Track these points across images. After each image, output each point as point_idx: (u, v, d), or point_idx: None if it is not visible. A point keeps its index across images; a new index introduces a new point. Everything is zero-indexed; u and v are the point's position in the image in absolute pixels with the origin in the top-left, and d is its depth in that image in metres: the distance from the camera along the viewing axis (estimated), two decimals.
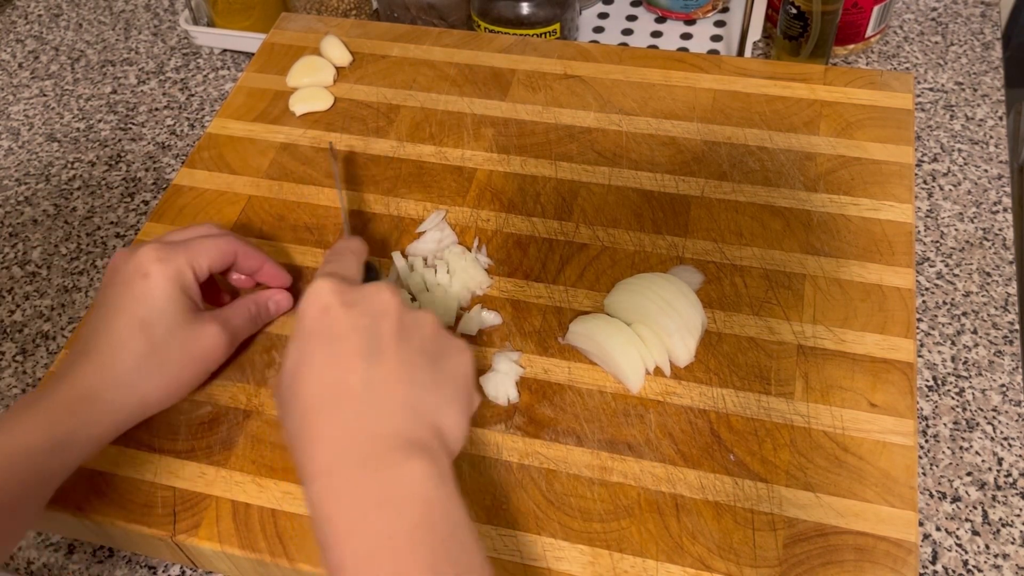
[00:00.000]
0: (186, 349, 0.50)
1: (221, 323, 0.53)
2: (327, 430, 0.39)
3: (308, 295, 0.43)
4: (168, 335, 0.49)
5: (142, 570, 0.56)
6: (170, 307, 0.49)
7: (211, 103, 0.87)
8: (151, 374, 0.49)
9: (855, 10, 0.79)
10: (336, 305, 0.42)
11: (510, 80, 0.72)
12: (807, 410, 0.52)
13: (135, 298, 0.49)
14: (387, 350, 0.41)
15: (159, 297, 0.49)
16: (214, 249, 0.53)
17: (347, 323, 0.41)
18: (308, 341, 0.42)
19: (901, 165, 0.64)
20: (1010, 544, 0.54)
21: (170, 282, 0.50)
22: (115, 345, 0.48)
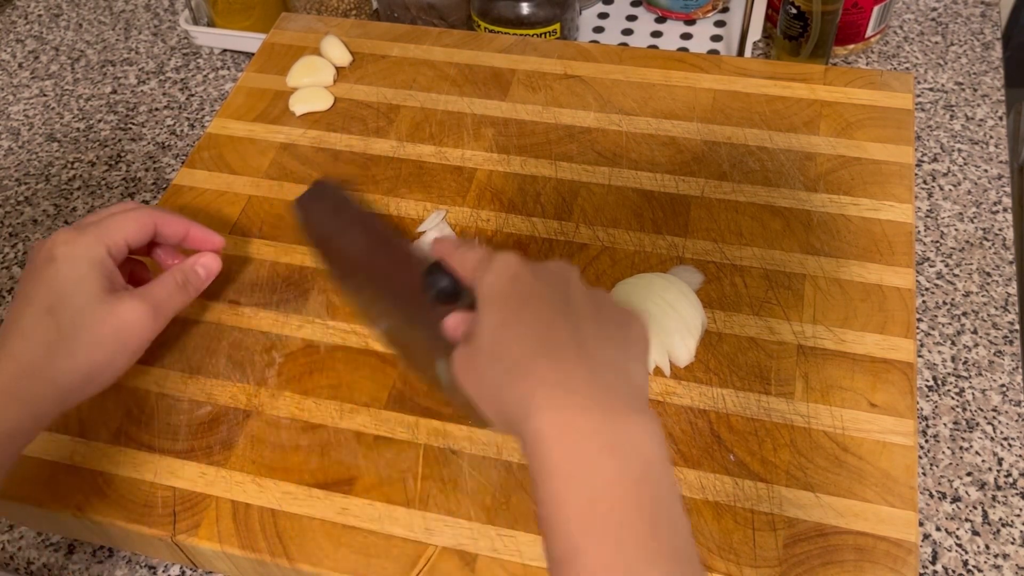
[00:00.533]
0: (98, 329, 0.48)
1: (140, 297, 0.50)
2: (548, 374, 0.38)
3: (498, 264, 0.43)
4: (77, 317, 0.47)
5: (142, 570, 0.56)
6: (78, 288, 0.48)
7: (211, 103, 0.87)
8: (63, 360, 0.47)
9: (855, 10, 0.79)
10: (524, 273, 0.42)
11: (510, 80, 0.72)
12: (807, 410, 0.52)
13: (42, 283, 0.48)
14: (582, 311, 0.41)
15: (65, 279, 0.47)
16: (130, 223, 0.51)
17: (539, 288, 0.41)
18: (506, 302, 0.41)
19: (901, 165, 0.64)
20: (1010, 544, 0.54)
21: (77, 263, 0.48)
22: (24, 335, 0.46)
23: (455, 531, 0.49)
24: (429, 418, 0.53)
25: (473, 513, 0.50)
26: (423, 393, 0.55)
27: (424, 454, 0.52)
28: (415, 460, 0.52)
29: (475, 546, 0.48)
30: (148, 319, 0.50)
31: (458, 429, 0.53)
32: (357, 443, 0.53)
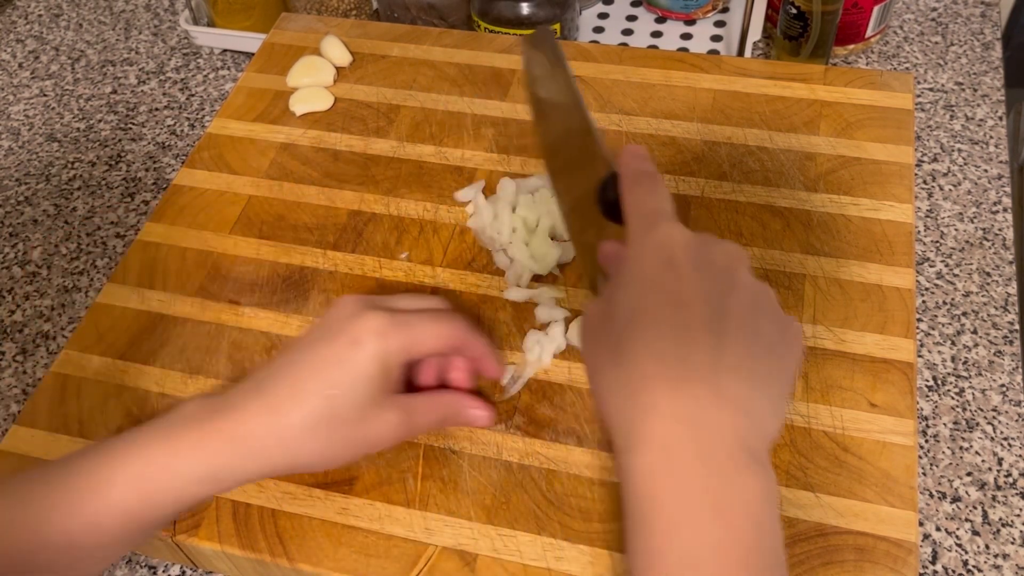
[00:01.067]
0: (359, 431, 0.46)
1: (405, 415, 0.48)
2: (664, 406, 0.35)
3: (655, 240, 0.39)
4: (349, 412, 0.45)
5: (142, 570, 0.56)
6: (364, 385, 0.45)
7: (211, 103, 0.87)
8: (315, 440, 0.45)
9: (855, 10, 0.79)
10: (685, 262, 0.38)
11: (510, 80, 0.72)
12: (807, 410, 0.52)
13: (336, 361, 0.45)
14: (733, 330, 0.37)
15: (359, 372, 0.45)
16: (440, 336, 0.48)
17: (694, 287, 0.37)
18: (649, 294, 0.38)
19: (901, 165, 0.64)
20: (1010, 544, 0.54)
21: (377, 361, 0.45)
22: (295, 399, 0.45)
23: (455, 531, 0.49)
24: None
25: (473, 513, 0.50)
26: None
27: (424, 454, 0.52)
28: (415, 460, 0.52)
29: (475, 546, 0.48)
30: (399, 438, 0.48)
31: (458, 429, 0.53)
32: None
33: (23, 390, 0.66)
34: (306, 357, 0.46)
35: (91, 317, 0.60)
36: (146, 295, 0.61)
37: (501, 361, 0.53)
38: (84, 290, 0.72)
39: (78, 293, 0.72)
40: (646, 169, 0.43)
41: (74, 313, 0.71)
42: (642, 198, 0.42)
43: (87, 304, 0.71)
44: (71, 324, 0.70)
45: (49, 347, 0.69)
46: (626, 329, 0.37)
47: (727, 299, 0.37)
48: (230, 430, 0.44)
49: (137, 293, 0.61)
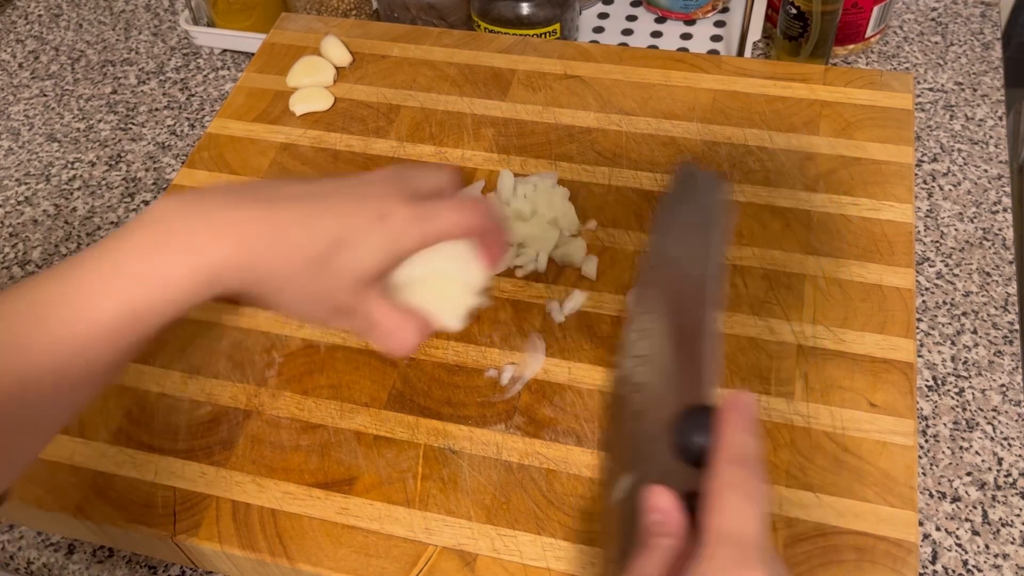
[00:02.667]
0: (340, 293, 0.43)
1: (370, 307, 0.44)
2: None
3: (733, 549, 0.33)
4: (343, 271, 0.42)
5: (142, 570, 0.56)
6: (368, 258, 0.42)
7: (211, 103, 0.87)
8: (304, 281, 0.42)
9: (855, 10, 0.79)
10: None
11: (510, 80, 0.72)
12: (807, 410, 0.52)
13: (354, 222, 0.42)
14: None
15: (370, 244, 0.42)
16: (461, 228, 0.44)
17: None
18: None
19: (901, 165, 0.64)
20: (1010, 544, 0.54)
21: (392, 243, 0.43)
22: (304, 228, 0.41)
23: (455, 531, 0.49)
24: (429, 418, 0.53)
25: (473, 513, 0.50)
26: (423, 393, 0.55)
27: (424, 454, 0.52)
28: (415, 460, 0.52)
29: (475, 546, 0.48)
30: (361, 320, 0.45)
31: (458, 429, 0.53)
32: (357, 443, 0.53)
33: None
34: (330, 200, 0.43)
35: None
36: None
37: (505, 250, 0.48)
38: None
39: None
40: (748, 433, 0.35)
41: None
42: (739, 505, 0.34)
43: None
44: None
45: None
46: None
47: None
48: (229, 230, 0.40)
49: None
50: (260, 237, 0.40)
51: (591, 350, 0.55)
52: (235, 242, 0.40)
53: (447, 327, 0.47)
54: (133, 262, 0.39)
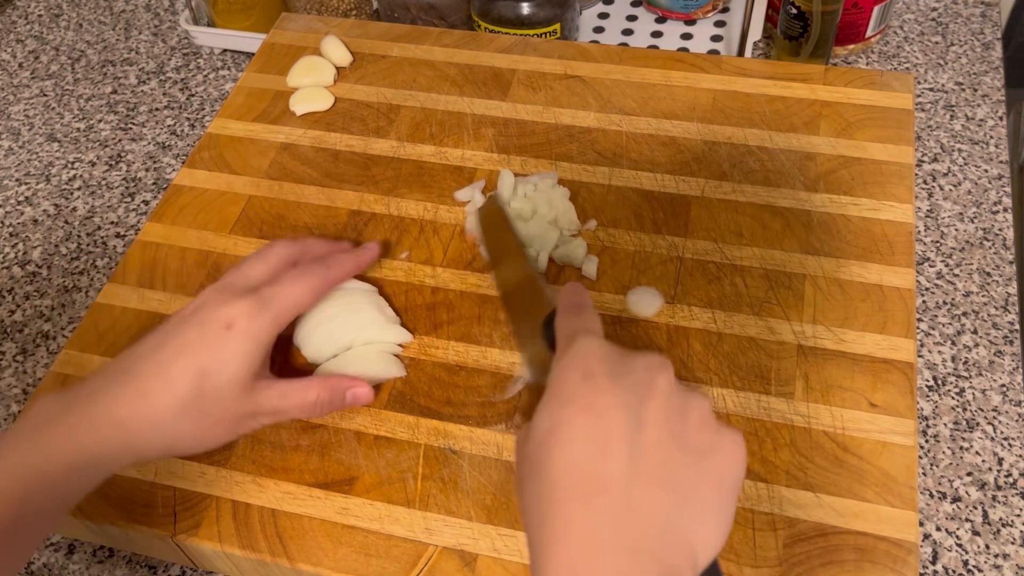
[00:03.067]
0: (229, 410, 0.47)
1: (269, 401, 0.48)
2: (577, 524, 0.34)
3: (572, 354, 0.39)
4: (220, 391, 0.46)
5: (142, 570, 0.56)
6: (235, 367, 0.46)
7: (211, 103, 0.87)
8: (189, 421, 0.46)
9: (855, 10, 0.79)
10: (601, 373, 0.38)
11: (510, 80, 0.72)
12: (807, 410, 0.52)
13: (206, 344, 0.46)
14: (649, 440, 0.36)
15: (231, 354, 0.46)
16: (307, 296, 0.49)
17: (611, 396, 0.37)
18: (566, 407, 0.37)
19: (901, 165, 0.64)
20: (1010, 544, 0.54)
21: (248, 343, 0.46)
22: (164, 381, 0.45)
23: (455, 531, 0.49)
24: (429, 418, 0.53)
25: (473, 513, 0.50)
26: (423, 393, 0.55)
27: (424, 454, 0.52)
28: (415, 460, 0.52)
29: (475, 546, 0.48)
30: (266, 420, 0.49)
31: (458, 429, 0.53)
32: (357, 443, 0.53)
33: (23, 390, 0.66)
34: (173, 340, 0.46)
35: (91, 317, 0.60)
36: (146, 295, 0.61)
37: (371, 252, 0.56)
38: (84, 290, 0.72)
39: (78, 293, 0.72)
40: (578, 300, 0.45)
41: (74, 313, 0.71)
42: (568, 322, 0.43)
43: (87, 304, 0.71)
44: (71, 324, 0.70)
45: (49, 347, 0.69)
46: (543, 444, 0.37)
47: (644, 407, 0.37)
48: (103, 416, 0.44)
49: (137, 293, 0.61)
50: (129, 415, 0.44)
51: None
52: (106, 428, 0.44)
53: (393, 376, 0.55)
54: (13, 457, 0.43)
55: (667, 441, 0.36)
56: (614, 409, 0.36)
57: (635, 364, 0.38)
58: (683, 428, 0.37)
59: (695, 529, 0.36)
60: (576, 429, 0.36)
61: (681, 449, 0.37)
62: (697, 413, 0.38)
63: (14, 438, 0.44)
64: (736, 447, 0.38)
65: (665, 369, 0.39)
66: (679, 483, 0.36)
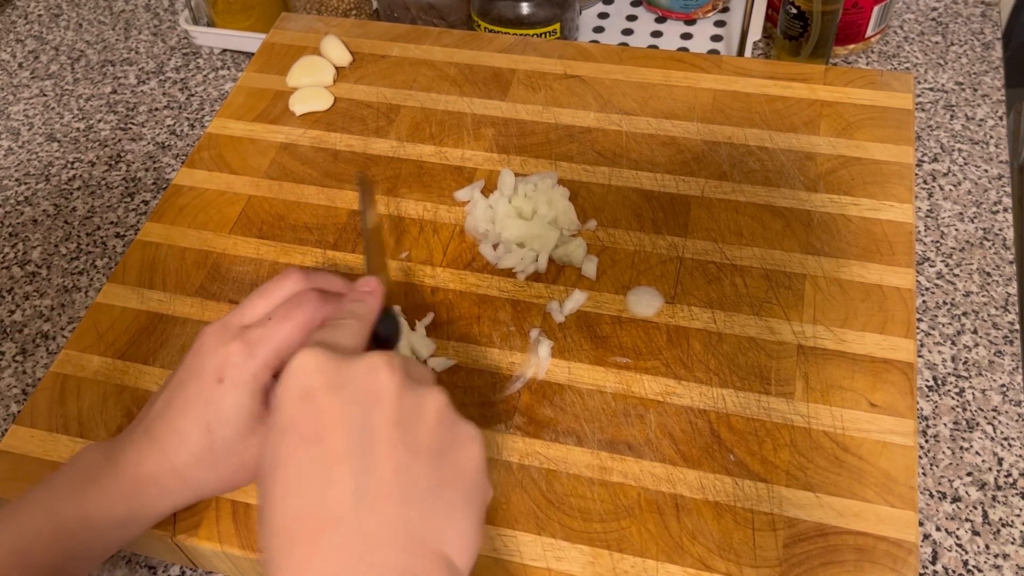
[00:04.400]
0: (242, 458, 0.47)
1: None
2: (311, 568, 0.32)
3: (286, 373, 0.37)
4: (227, 442, 0.46)
5: (142, 570, 0.56)
6: (234, 418, 0.46)
7: (211, 103, 0.87)
8: (208, 471, 0.47)
9: (855, 10, 0.79)
10: (320, 389, 0.35)
11: (510, 80, 0.72)
12: (807, 410, 0.52)
13: (205, 400, 0.46)
14: (380, 452, 0.34)
15: (228, 406, 0.46)
16: (297, 334, 0.47)
17: (332, 414, 0.35)
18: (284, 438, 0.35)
19: (901, 165, 0.64)
20: (1010, 544, 0.54)
21: (242, 391, 0.46)
22: (178, 440, 0.46)
23: None
24: None
25: None
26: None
27: None
28: None
29: None
30: None
31: None
32: None
33: (23, 390, 0.66)
34: (179, 396, 0.47)
35: (91, 317, 0.60)
36: (146, 295, 0.61)
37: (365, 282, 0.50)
38: (84, 290, 0.72)
39: (78, 293, 0.72)
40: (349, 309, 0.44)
41: (74, 313, 0.71)
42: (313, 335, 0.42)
43: (87, 304, 0.71)
44: (71, 324, 0.70)
45: (49, 347, 0.69)
46: (268, 481, 0.35)
47: (370, 417, 0.35)
48: (132, 474, 0.45)
49: (137, 293, 0.61)
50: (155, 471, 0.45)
51: (591, 350, 0.55)
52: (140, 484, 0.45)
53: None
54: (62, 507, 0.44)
55: (400, 449, 0.35)
56: (336, 428, 0.34)
57: (355, 369, 0.36)
58: (417, 430, 0.35)
59: (445, 533, 0.34)
60: (296, 463, 0.34)
61: (416, 455, 0.35)
62: (432, 410, 0.36)
63: (60, 487, 0.45)
64: (473, 441, 0.37)
65: (392, 368, 0.36)
66: (418, 492, 0.34)
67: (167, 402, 0.47)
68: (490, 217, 0.61)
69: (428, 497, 0.34)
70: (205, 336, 0.48)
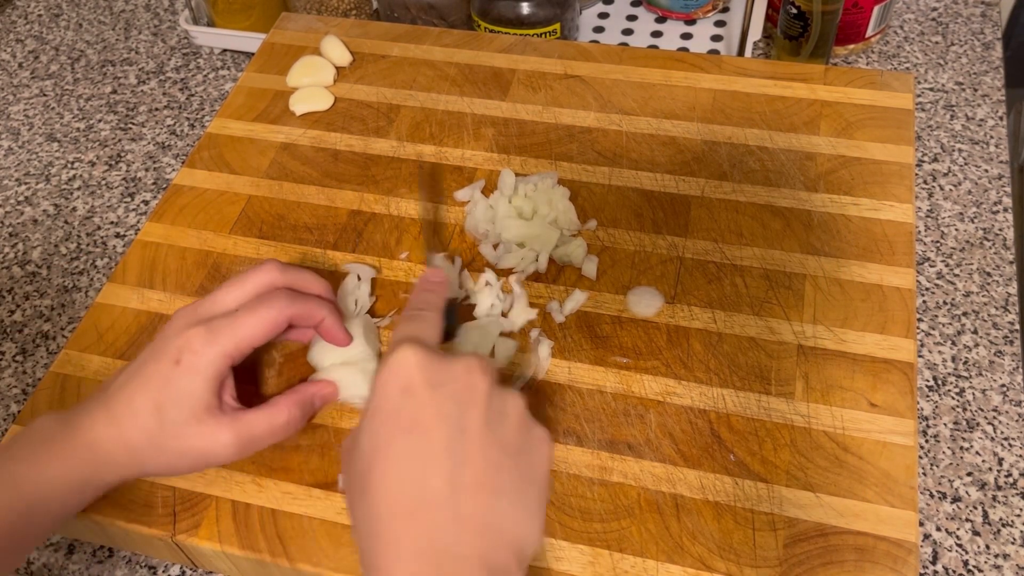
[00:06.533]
0: (189, 444, 0.47)
1: (235, 431, 0.48)
2: (405, 542, 0.36)
3: (389, 366, 0.39)
4: (176, 426, 0.47)
5: (142, 570, 0.56)
6: (187, 401, 0.47)
7: (211, 103, 0.87)
8: (153, 451, 0.47)
9: (855, 10, 0.79)
10: (420, 385, 0.38)
11: (510, 80, 0.72)
12: (807, 410, 0.52)
13: (161, 379, 0.47)
14: (473, 448, 0.38)
15: (180, 389, 0.47)
16: (264, 325, 0.48)
17: (432, 410, 0.38)
18: (386, 425, 0.38)
19: (901, 165, 0.64)
20: (1010, 544, 0.54)
21: (196, 377, 0.47)
22: (131, 415, 0.47)
23: None
24: None
25: None
26: None
27: None
28: None
29: None
30: (233, 451, 0.48)
31: None
32: None
33: (23, 390, 0.66)
34: (139, 373, 0.48)
35: (91, 317, 0.60)
36: (146, 295, 0.61)
37: (340, 327, 0.52)
38: (84, 290, 0.72)
39: (78, 293, 0.72)
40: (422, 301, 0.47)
41: (74, 313, 0.71)
42: (401, 328, 0.44)
43: (87, 304, 0.71)
44: (71, 324, 0.70)
45: (49, 347, 0.69)
46: (368, 465, 0.38)
47: (466, 415, 0.38)
48: (86, 441, 0.46)
49: (137, 293, 0.61)
50: (107, 440, 0.47)
51: (591, 350, 0.55)
52: (91, 451, 0.46)
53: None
54: (18, 471, 0.45)
55: (489, 446, 0.38)
56: (436, 422, 0.38)
57: (455, 370, 0.40)
58: (503, 430, 0.39)
59: (520, 525, 0.38)
60: (399, 449, 0.37)
61: (503, 452, 0.38)
62: (515, 413, 0.40)
63: (18, 452, 0.46)
64: (545, 443, 0.41)
65: (484, 371, 0.40)
66: (503, 485, 0.38)
67: (128, 377, 0.48)
68: (490, 217, 0.61)
69: (512, 490, 0.38)
70: (174, 318, 0.49)
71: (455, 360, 0.40)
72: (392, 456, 0.37)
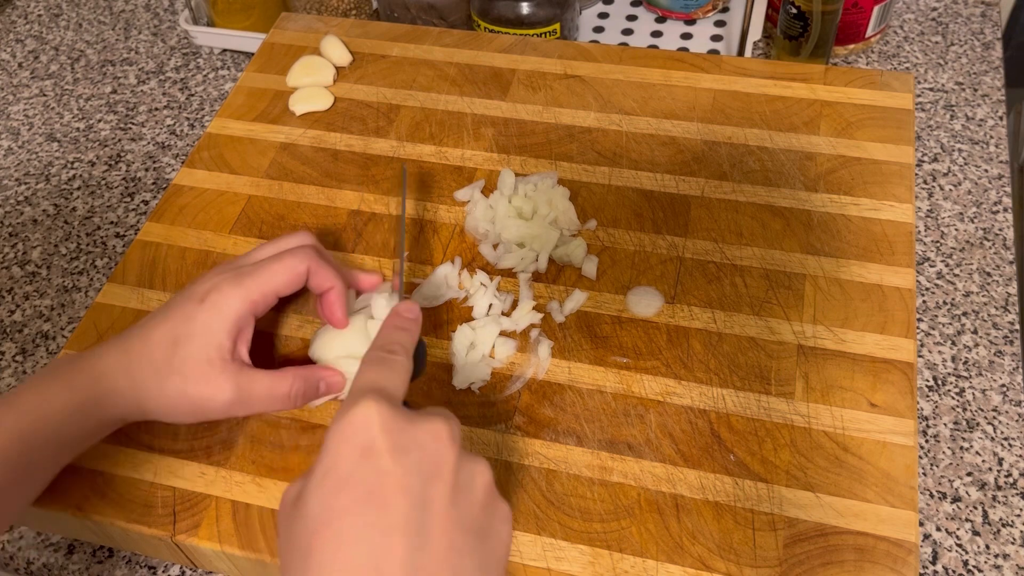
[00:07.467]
0: (191, 386, 0.47)
1: (237, 384, 0.48)
2: None
3: (349, 421, 0.36)
4: (185, 362, 0.47)
5: (142, 570, 0.56)
6: (201, 342, 0.47)
7: (211, 103, 0.87)
8: (157, 387, 0.48)
9: (855, 10, 0.79)
10: (383, 449, 0.35)
11: (510, 80, 0.72)
12: (807, 410, 0.52)
13: (183, 316, 0.48)
14: (434, 527, 0.34)
15: (198, 328, 0.47)
16: (284, 272, 0.50)
17: (393, 479, 0.34)
18: (339, 490, 0.35)
19: (901, 165, 0.64)
20: (1010, 544, 0.54)
21: (215, 319, 0.48)
22: (143, 344, 0.48)
23: None
24: None
25: None
26: (423, 393, 0.55)
27: None
28: None
29: None
30: (229, 403, 0.48)
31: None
32: None
33: None
34: (161, 312, 0.50)
35: (91, 317, 0.60)
36: (146, 295, 0.61)
37: (366, 275, 0.54)
38: (84, 290, 0.72)
39: (78, 293, 0.72)
40: (388, 341, 0.44)
41: (74, 313, 0.71)
42: (364, 373, 0.41)
43: (87, 304, 0.71)
44: (71, 324, 0.70)
45: (49, 347, 0.69)
46: (314, 530, 0.34)
47: (430, 489, 0.35)
48: (92, 372, 0.48)
49: (137, 293, 0.61)
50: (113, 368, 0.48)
51: (591, 350, 0.55)
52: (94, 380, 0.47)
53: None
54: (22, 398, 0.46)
55: (453, 527, 0.35)
56: (396, 494, 0.34)
57: (421, 434, 0.37)
58: (468, 507, 0.36)
59: None
60: (352, 520, 0.34)
61: (466, 533, 0.35)
62: (481, 486, 0.37)
63: (28, 381, 0.48)
64: (507, 523, 0.38)
65: (452, 439, 0.37)
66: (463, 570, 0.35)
67: (150, 317, 0.50)
68: (490, 217, 0.61)
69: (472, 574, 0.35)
70: (208, 270, 0.52)
71: (421, 421, 0.37)
72: (343, 527, 0.34)
